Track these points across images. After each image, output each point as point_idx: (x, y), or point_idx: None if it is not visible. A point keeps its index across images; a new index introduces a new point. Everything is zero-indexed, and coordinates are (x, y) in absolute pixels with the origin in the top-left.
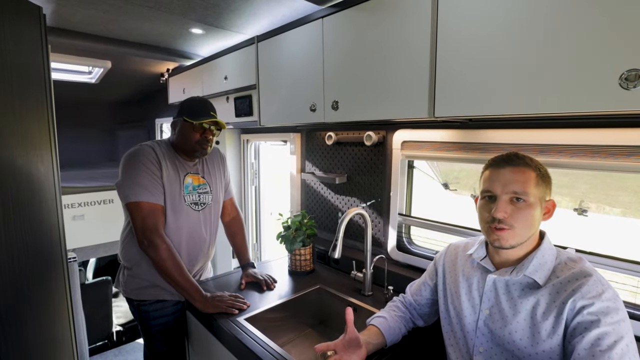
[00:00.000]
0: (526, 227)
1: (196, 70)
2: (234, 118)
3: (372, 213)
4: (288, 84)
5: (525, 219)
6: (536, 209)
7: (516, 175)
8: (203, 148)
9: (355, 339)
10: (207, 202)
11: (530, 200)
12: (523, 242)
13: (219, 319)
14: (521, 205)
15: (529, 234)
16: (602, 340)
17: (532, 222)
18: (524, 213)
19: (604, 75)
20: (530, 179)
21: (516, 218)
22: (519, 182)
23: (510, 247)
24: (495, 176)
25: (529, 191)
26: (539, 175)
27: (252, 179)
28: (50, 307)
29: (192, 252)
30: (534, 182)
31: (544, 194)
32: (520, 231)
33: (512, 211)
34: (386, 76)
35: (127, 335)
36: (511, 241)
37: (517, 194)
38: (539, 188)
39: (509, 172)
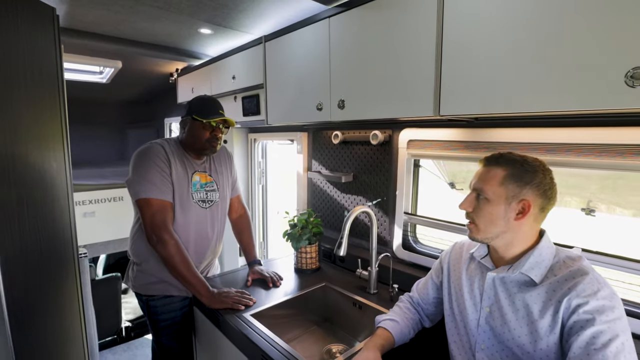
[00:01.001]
0: (486, 223)
1: (205, 70)
2: (242, 117)
3: (378, 212)
4: (295, 83)
5: (483, 215)
6: (496, 206)
7: (483, 174)
8: (212, 146)
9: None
10: (214, 200)
11: (490, 197)
12: (489, 237)
13: (225, 315)
14: (482, 201)
15: (493, 230)
16: (597, 338)
17: (492, 220)
18: (482, 209)
19: (609, 73)
20: (494, 177)
21: (477, 213)
22: (482, 180)
23: (476, 240)
24: (475, 173)
25: (488, 188)
26: (510, 175)
27: (259, 178)
28: (62, 301)
29: (200, 249)
30: (497, 180)
31: (515, 193)
32: (481, 226)
33: (475, 207)
34: (392, 75)
35: (136, 331)
36: (475, 234)
37: (477, 190)
38: (505, 186)
39: (482, 170)
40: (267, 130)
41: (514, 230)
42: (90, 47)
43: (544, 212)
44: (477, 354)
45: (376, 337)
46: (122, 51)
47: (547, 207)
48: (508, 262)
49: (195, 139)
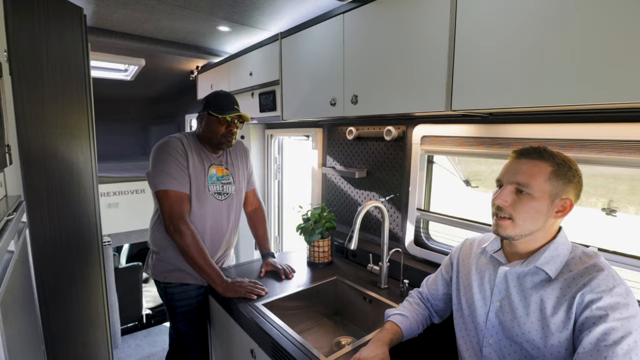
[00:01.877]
0: (526, 220)
1: (223, 67)
2: (259, 113)
3: (391, 208)
4: (309, 79)
5: (525, 211)
6: (541, 203)
7: (525, 167)
8: (228, 140)
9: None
10: (230, 193)
11: (535, 193)
12: (524, 234)
13: (239, 304)
14: (524, 196)
15: (531, 228)
16: (609, 335)
17: (535, 216)
18: (524, 205)
19: (627, 67)
20: (540, 172)
21: (516, 209)
22: (525, 174)
23: (508, 237)
24: (509, 166)
25: (534, 184)
26: (556, 171)
27: (275, 174)
28: (87, 285)
29: (215, 239)
30: (544, 176)
31: (559, 190)
32: (519, 222)
33: (514, 201)
34: (404, 70)
35: (156, 319)
36: (509, 231)
37: (520, 185)
38: (551, 183)
39: (522, 163)
40: (283, 126)
41: (547, 228)
42: (115, 45)
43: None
44: (485, 348)
45: (385, 332)
46: (145, 49)
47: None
48: (523, 256)
49: (212, 134)
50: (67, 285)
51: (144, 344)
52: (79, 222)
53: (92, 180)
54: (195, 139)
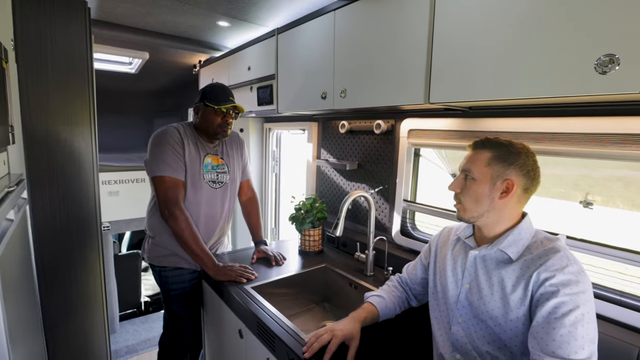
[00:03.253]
0: (472, 202)
1: (224, 61)
2: (257, 107)
3: (380, 199)
4: (303, 74)
5: (469, 195)
6: (482, 185)
7: (472, 156)
8: (224, 130)
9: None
10: (224, 181)
11: (476, 176)
12: (475, 216)
13: (229, 286)
14: (469, 181)
15: (478, 209)
16: (559, 308)
17: (478, 198)
18: (468, 188)
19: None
20: (480, 158)
21: (464, 193)
22: (470, 162)
23: (462, 219)
24: (464, 157)
25: (475, 169)
26: (495, 156)
27: (273, 166)
28: (86, 267)
29: (209, 226)
30: (484, 161)
31: (499, 173)
32: (467, 205)
33: (463, 187)
34: (388, 64)
35: (154, 306)
36: (462, 214)
37: (465, 171)
38: (490, 167)
39: (471, 154)
40: (281, 120)
41: (498, 209)
42: (119, 38)
43: (527, 194)
44: (454, 327)
45: (360, 310)
46: (148, 43)
47: (530, 188)
48: (490, 241)
49: (208, 124)
50: (66, 266)
51: (142, 329)
52: (78, 205)
53: (93, 165)
54: (192, 129)
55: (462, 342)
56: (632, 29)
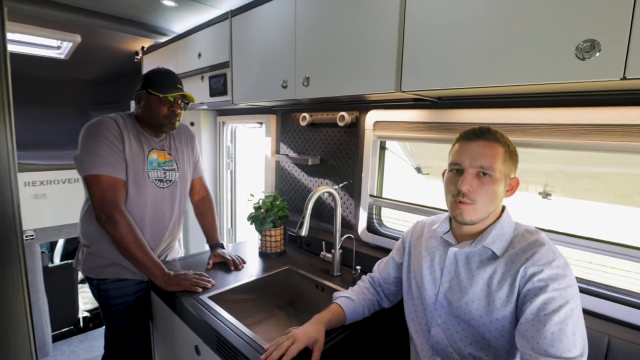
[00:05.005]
0: (488, 203)
1: (170, 47)
2: (209, 98)
3: (344, 195)
4: (260, 61)
5: (487, 194)
6: (500, 185)
7: (485, 150)
8: (171, 122)
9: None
10: (173, 180)
11: (496, 175)
12: (484, 218)
13: (182, 297)
14: (486, 180)
15: (490, 210)
16: (548, 304)
17: (494, 198)
18: (487, 188)
19: (561, 46)
20: (498, 154)
21: (479, 193)
22: (487, 157)
23: (471, 222)
24: (464, 149)
25: (496, 166)
26: (507, 152)
27: (227, 163)
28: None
29: (157, 230)
30: (501, 157)
31: (509, 170)
32: (481, 206)
33: (477, 186)
34: (356, 50)
35: (95, 322)
36: (472, 216)
37: (483, 169)
38: (505, 164)
39: (479, 145)
40: (236, 112)
41: (498, 208)
42: (43, 15)
43: None
44: (433, 328)
45: (325, 312)
46: (80, 23)
47: None
48: (471, 237)
49: (152, 115)
50: None
51: (80, 349)
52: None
53: (9, 163)
54: (134, 121)
55: (443, 345)
56: (613, 12)
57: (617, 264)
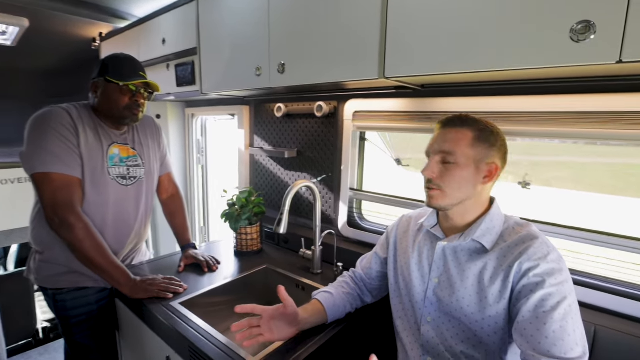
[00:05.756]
0: (455, 188)
1: (131, 33)
2: (176, 88)
3: (323, 189)
4: (232, 47)
5: (453, 179)
6: (467, 169)
7: (450, 135)
8: (133, 114)
9: (292, 315)
10: (137, 176)
11: (460, 160)
12: (455, 203)
13: (150, 305)
14: (450, 166)
15: (460, 196)
16: (546, 301)
17: (462, 184)
18: (452, 173)
19: (555, 28)
20: (463, 138)
21: (444, 178)
22: (449, 142)
23: (439, 207)
24: (434, 137)
25: (458, 150)
26: (478, 136)
27: (198, 158)
28: None
29: (121, 232)
30: (468, 141)
31: (483, 155)
32: (449, 192)
33: (441, 171)
34: (335, 34)
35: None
36: (440, 202)
37: (445, 153)
38: (474, 149)
39: (446, 132)
40: (205, 104)
41: (478, 195)
42: None
43: (498, 177)
44: (423, 327)
45: (303, 307)
46: (28, 5)
47: (501, 171)
48: (460, 230)
49: (112, 105)
50: None
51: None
52: None
53: None
54: (90, 112)
55: (434, 344)
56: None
57: (601, 253)
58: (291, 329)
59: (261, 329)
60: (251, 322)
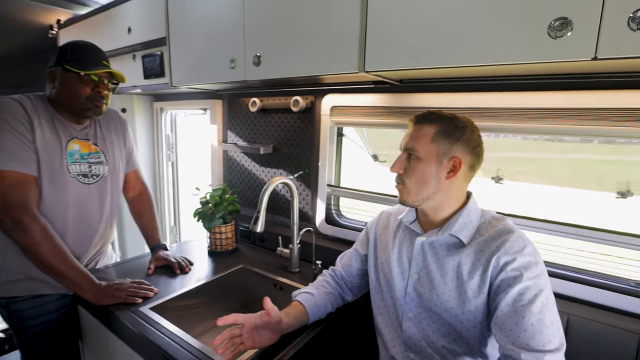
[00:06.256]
0: (418, 184)
1: (93, 20)
2: (143, 80)
3: (300, 185)
4: (204, 36)
5: (415, 175)
6: (428, 165)
7: (414, 132)
8: (96, 106)
9: (275, 323)
10: (101, 174)
11: (421, 155)
12: (420, 199)
13: (117, 311)
14: (413, 161)
15: (424, 192)
16: (524, 295)
17: (424, 179)
18: (414, 169)
19: (533, 24)
20: (424, 134)
21: (408, 174)
22: (413, 139)
23: (405, 203)
24: (406, 134)
25: (419, 146)
26: (440, 131)
27: (168, 154)
28: None
29: (83, 235)
30: (429, 137)
31: (446, 150)
32: (412, 188)
33: (406, 167)
34: (314, 25)
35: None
36: (406, 197)
37: (408, 150)
38: (436, 144)
39: (412, 129)
40: (175, 98)
41: (445, 190)
42: None
43: (472, 171)
44: (404, 323)
45: (284, 310)
46: None
47: (475, 165)
48: (437, 225)
49: (71, 96)
50: None
51: None
52: None
53: None
54: (46, 104)
55: (416, 339)
56: None
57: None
58: (274, 335)
59: (243, 337)
60: (233, 333)
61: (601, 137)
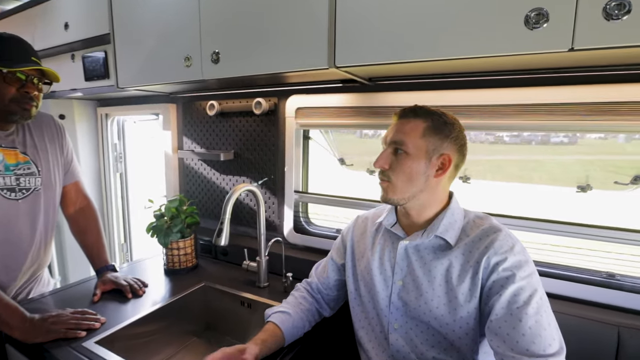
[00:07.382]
0: (405, 181)
1: (24, 15)
2: (84, 83)
3: (265, 193)
4: (155, 31)
5: (402, 171)
6: (417, 161)
7: (401, 126)
8: (24, 109)
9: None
10: (32, 188)
11: (410, 150)
12: (406, 196)
13: (54, 349)
14: (400, 156)
15: (411, 189)
16: (518, 296)
17: (412, 175)
18: (402, 164)
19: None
20: (414, 128)
21: (395, 170)
22: (400, 132)
23: (391, 200)
24: (390, 128)
25: (408, 140)
26: (430, 126)
27: (115, 165)
28: None
29: (11, 259)
30: (418, 132)
31: (436, 146)
32: (399, 184)
33: (392, 163)
34: (279, 18)
35: None
36: (391, 194)
37: (396, 144)
38: (426, 139)
39: (399, 123)
40: (123, 102)
41: (431, 189)
42: None
43: (456, 170)
44: (391, 335)
45: (260, 333)
46: None
47: (460, 164)
48: (420, 227)
49: None
50: None
51: None
52: None
53: None
54: None
55: (404, 352)
56: None
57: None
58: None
59: None
60: None
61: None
